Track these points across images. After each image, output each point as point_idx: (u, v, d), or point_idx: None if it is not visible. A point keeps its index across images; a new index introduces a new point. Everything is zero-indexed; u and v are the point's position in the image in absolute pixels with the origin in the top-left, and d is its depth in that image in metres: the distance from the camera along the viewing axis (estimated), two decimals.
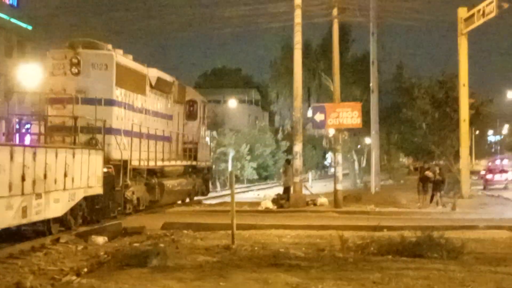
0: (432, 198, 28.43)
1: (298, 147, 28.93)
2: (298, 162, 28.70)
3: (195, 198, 31.95)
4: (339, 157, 30.45)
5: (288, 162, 32.19)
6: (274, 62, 55.29)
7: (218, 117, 64.81)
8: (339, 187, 29.13)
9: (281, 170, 32.73)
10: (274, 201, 28.05)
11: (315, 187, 48.27)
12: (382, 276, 10.46)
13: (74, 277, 10.91)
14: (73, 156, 17.73)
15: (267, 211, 26.05)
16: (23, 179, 14.60)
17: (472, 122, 34.46)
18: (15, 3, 75.37)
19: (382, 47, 43.85)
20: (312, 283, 9.99)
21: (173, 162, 28.04)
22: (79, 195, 18.24)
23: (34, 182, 15.18)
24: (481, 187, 48.63)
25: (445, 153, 40.84)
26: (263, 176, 64.91)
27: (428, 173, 29.43)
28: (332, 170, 35.86)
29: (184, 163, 29.60)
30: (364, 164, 60.62)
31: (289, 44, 36.96)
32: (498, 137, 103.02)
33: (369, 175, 44.55)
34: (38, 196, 15.48)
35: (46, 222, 16.56)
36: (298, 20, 28.92)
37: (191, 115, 31.01)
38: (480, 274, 10.87)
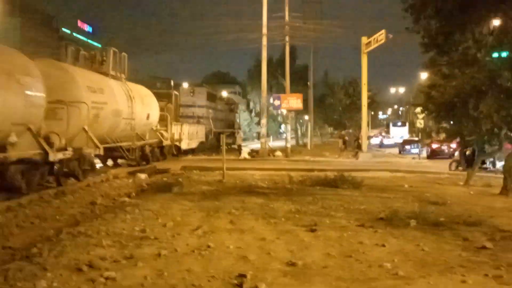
0: (356, 153, 28.44)
1: (264, 121, 28.91)
2: (264, 130, 28.69)
3: None
4: (288, 127, 30.68)
5: (238, 127, 37.60)
6: (250, 69, 54.80)
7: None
8: (288, 145, 29.26)
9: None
10: (249, 153, 28.10)
11: (274, 145, 48.37)
12: (313, 199, 10.46)
13: (126, 198, 10.81)
14: (198, 126, 28.36)
15: (245, 159, 26.06)
16: (188, 133, 25.74)
17: (369, 107, 34.54)
18: (90, 30, 73.48)
19: (316, 59, 43.42)
20: (271, 202, 9.99)
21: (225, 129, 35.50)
22: (199, 140, 28.26)
23: (190, 135, 26.21)
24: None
25: (353, 125, 40.94)
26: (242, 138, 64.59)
27: (345, 137, 29.92)
28: (285, 135, 35.92)
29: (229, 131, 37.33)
30: (303, 131, 60.72)
31: (259, 58, 36.50)
32: (385, 116, 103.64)
33: (307, 138, 44.77)
34: (191, 139, 26.48)
35: (190, 149, 26.62)
36: (264, 43, 28.60)
37: (231, 111, 38.41)
38: (372, 197, 10.94)
